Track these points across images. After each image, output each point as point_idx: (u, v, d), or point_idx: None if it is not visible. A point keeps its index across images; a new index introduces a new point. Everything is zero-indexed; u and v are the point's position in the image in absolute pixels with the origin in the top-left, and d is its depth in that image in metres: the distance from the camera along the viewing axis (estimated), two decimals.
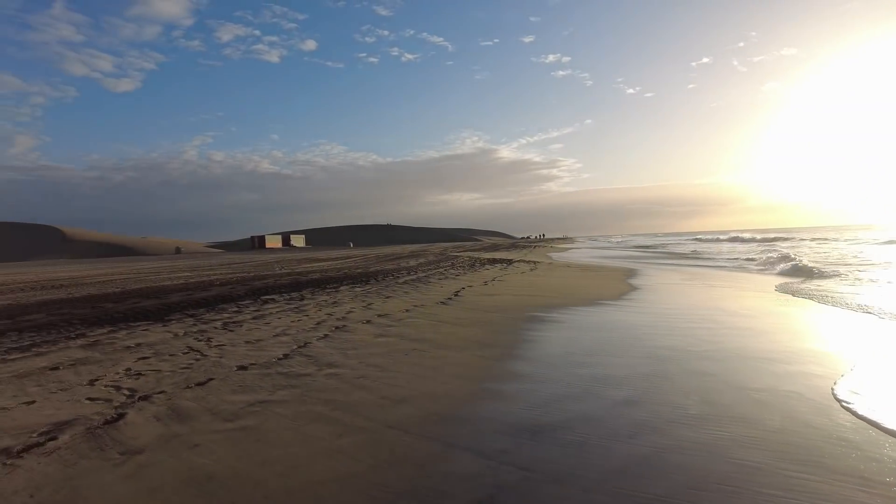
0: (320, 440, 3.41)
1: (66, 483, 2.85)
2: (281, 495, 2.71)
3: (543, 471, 2.96)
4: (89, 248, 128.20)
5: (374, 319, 7.79)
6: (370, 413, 3.88)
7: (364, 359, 5.46)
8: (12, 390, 4.50)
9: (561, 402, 4.14)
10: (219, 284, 14.66)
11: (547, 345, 6.16)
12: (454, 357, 5.55)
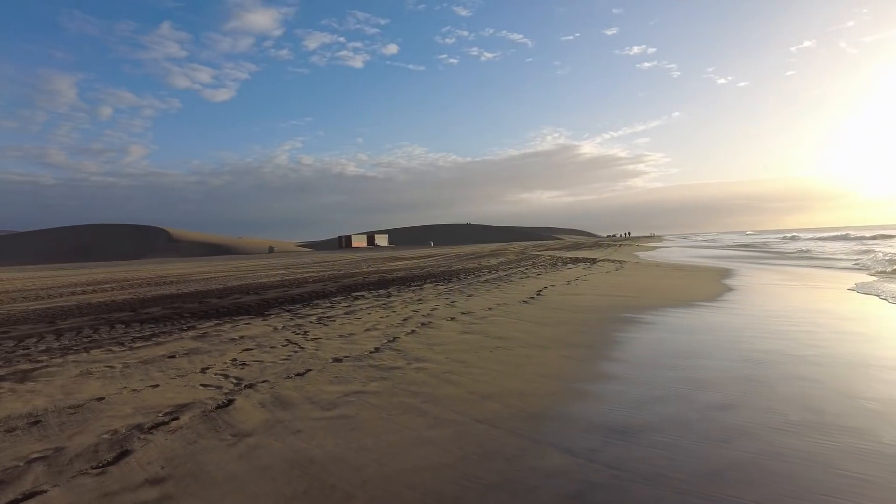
0: (412, 430, 3.56)
1: (190, 458, 3.17)
2: (378, 480, 2.88)
3: (633, 470, 2.95)
4: (192, 247, 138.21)
5: (457, 317, 7.94)
6: (458, 407, 4.00)
7: (450, 354, 5.60)
8: (140, 375, 5.03)
9: (651, 403, 4.07)
10: (311, 282, 15.44)
11: (635, 346, 6.03)
12: (538, 356, 5.57)
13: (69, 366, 5.42)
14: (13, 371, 5.25)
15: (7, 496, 2.76)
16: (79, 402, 4.22)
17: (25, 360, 5.71)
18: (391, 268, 21.92)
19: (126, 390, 4.54)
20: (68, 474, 2.99)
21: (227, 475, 2.96)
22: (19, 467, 3.08)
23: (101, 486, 2.84)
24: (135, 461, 3.14)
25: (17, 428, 3.71)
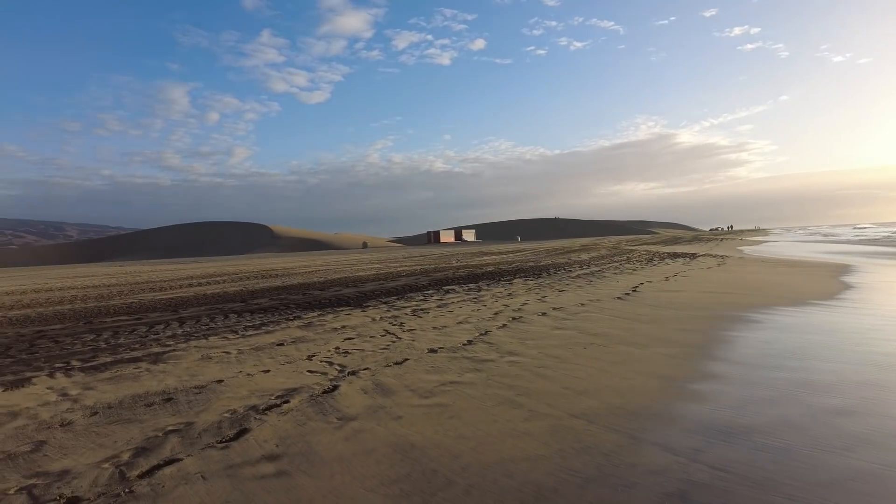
0: (508, 422, 3.62)
1: (300, 438, 3.42)
2: (476, 468, 2.97)
3: (739, 473, 2.84)
4: (292, 242, 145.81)
5: (549, 312, 7.89)
6: (553, 401, 4.01)
7: (543, 349, 5.60)
8: (252, 360, 5.46)
9: (758, 405, 3.87)
10: (404, 275, 15.90)
11: (740, 345, 5.73)
12: (635, 353, 5.44)
13: (192, 350, 5.98)
14: (147, 353, 5.87)
15: (151, 461, 3.12)
16: (202, 384, 4.65)
17: (156, 344, 6.36)
18: (480, 263, 22.05)
19: (241, 374, 4.94)
20: (198, 446, 3.32)
21: (335, 456, 3.17)
22: (159, 437, 3.47)
23: (225, 459, 3.14)
24: (253, 439, 3.43)
25: (155, 403, 4.16)
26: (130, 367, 5.26)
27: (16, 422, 3.87)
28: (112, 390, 4.53)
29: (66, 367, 5.36)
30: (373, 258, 34.55)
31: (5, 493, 2.82)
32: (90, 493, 2.78)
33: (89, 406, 4.13)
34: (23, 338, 7.19)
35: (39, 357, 5.89)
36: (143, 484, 2.85)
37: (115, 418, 3.86)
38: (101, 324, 8.18)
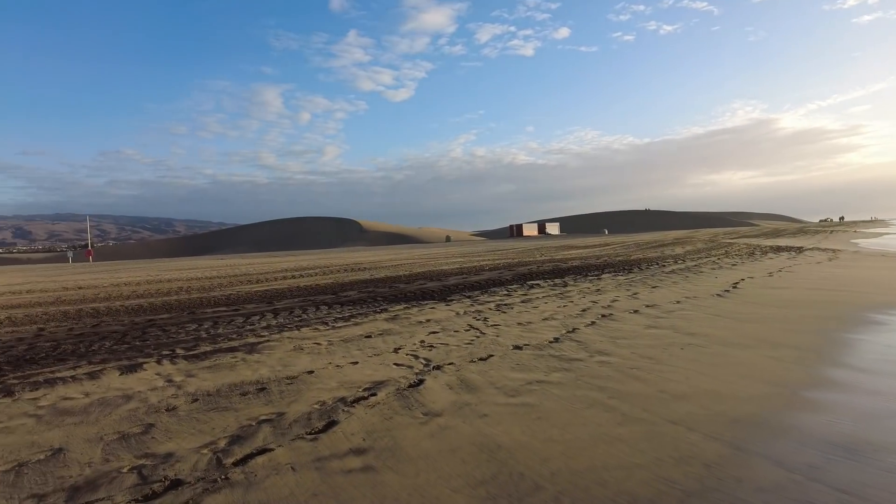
0: (599, 426, 3.44)
1: (387, 433, 3.42)
2: (566, 473, 2.82)
3: (869, 498, 2.51)
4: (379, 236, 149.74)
5: (641, 309, 7.51)
6: (648, 405, 3.77)
7: (635, 349, 5.31)
8: (342, 352, 5.58)
9: (888, 419, 3.44)
10: (487, 269, 15.82)
11: (863, 349, 5.16)
12: (738, 355, 5.03)
13: (285, 341, 6.20)
14: (244, 343, 6.16)
15: (245, 449, 3.22)
16: (294, 374, 4.80)
17: (252, 335, 6.66)
18: (565, 257, 21.54)
19: (331, 366, 5.05)
20: (289, 437, 3.40)
21: (421, 452, 3.13)
22: (252, 426, 3.59)
23: (314, 451, 3.19)
24: (341, 431, 3.47)
25: (249, 393, 4.33)
26: (228, 357, 5.53)
27: (129, 404, 4.15)
28: (211, 378, 4.77)
29: (172, 354, 5.72)
30: (456, 252, 34.75)
31: (119, 470, 3.02)
32: (191, 476, 2.91)
33: (191, 393, 4.37)
34: (136, 326, 7.79)
35: (149, 344, 6.34)
36: (237, 471, 2.94)
37: (213, 406, 4.04)
38: (203, 314, 8.72)
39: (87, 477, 2.97)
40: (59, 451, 3.34)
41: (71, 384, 4.75)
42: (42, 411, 4.08)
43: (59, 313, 9.73)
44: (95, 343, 6.54)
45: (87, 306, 10.71)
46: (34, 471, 3.08)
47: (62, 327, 7.97)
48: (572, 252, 25.65)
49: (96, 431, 3.63)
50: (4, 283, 22.09)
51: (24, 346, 6.52)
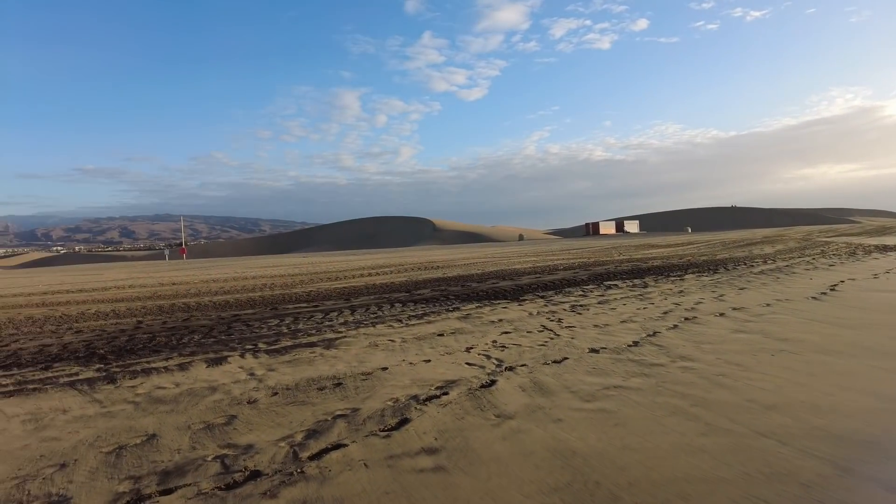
0: (681, 435, 3.26)
1: (458, 433, 3.40)
2: (645, 485, 2.68)
3: None
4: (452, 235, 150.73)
5: (728, 312, 7.08)
6: (735, 415, 3.53)
7: (721, 355, 5.01)
8: (415, 350, 5.62)
9: None
10: (562, 269, 15.51)
11: None
12: (838, 364, 4.63)
13: (361, 338, 6.34)
14: (322, 339, 6.35)
15: (320, 444, 3.30)
16: (369, 370, 4.88)
17: (330, 331, 6.86)
18: (645, 256, 20.76)
19: (404, 363, 5.10)
20: (362, 433, 3.46)
21: (492, 455, 3.09)
22: (328, 421, 3.68)
23: (387, 448, 3.22)
24: (413, 430, 3.48)
25: (326, 388, 4.44)
26: (307, 352, 5.72)
27: (214, 395, 4.37)
28: (290, 372, 4.94)
29: (255, 348, 5.98)
30: (529, 251, 34.33)
31: (204, 458, 3.17)
32: (269, 468, 3.01)
33: (271, 386, 4.54)
34: (223, 321, 8.23)
35: (234, 338, 6.67)
36: (312, 466, 3.02)
37: (291, 399, 4.18)
38: (284, 310, 9.08)
39: (176, 463, 3.14)
40: (153, 436, 3.56)
41: (164, 374, 5.07)
42: (139, 399, 4.37)
43: (155, 307, 10.45)
44: (186, 336, 6.96)
45: (179, 301, 11.44)
46: (131, 454, 3.30)
47: (157, 321, 8.55)
48: (652, 251, 24.68)
49: (185, 420, 3.84)
50: (111, 278, 24.02)
51: (125, 338, 7.04)
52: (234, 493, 2.76)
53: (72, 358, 5.92)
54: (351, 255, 45.46)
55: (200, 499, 2.72)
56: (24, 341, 7.15)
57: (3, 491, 2.90)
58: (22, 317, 9.87)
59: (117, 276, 25.46)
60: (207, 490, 2.80)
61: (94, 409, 4.16)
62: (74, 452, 3.37)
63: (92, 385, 4.80)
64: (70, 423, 3.91)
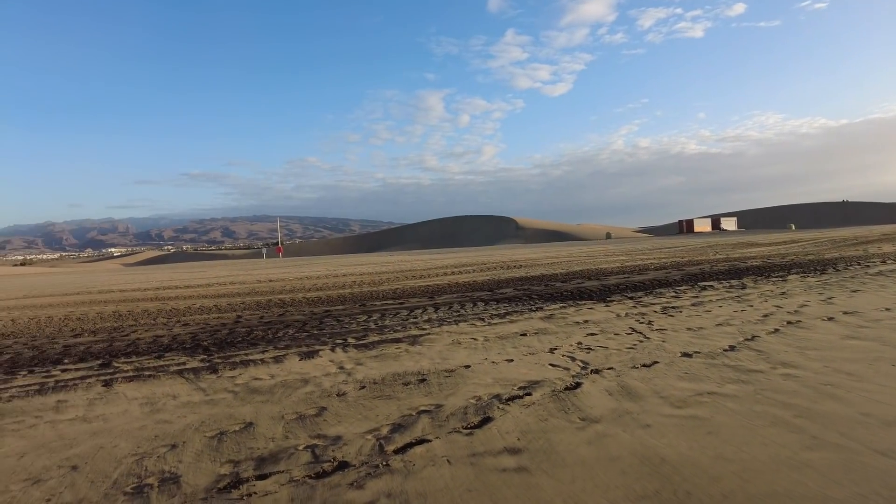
0: (781, 447, 3.04)
1: (542, 435, 3.36)
2: (740, 498, 2.53)
3: None
4: (535, 234, 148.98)
5: (837, 317, 6.51)
6: (847, 429, 3.25)
7: (829, 362, 4.62)
8: (497, 349, 5.62)
9: None
10: (652, 269, 14.91)
11: None
12: None
13: (444, 335, 6.42)
14: (407, 335, 6.50)
15: (405, 438, 3.38)
16: (452, 368, 4.94)
17: (415, 328, 7.00)
18: (743, 255, 19.51)
19: (486, 362, 5.11)
20: (446, 429, 3.50)
21: (577, 459, 3.03)
22: (412, 416, 3.76)
23: (469, 446, 3.24)
24: (496, 428, 3.48)
25: (411, 383, 4.54)
26: (392, 347, 5.87)
27: (306, 388, 4.59)
28: (377, 367, 5.10)
29: (344, 343, 6.23)
30: (617, 249, 33.25)
31: (296, 447, 3.34)
32: (356, 460, 3.12)
33: (359, 380, 4.71)
34: (315, 316, 8.63)
35: (325, 333, 6.97)
36: (397, 459, 3.09)
37: (378, 394, 4.31)
38: (372, 306, 9.38)
39: (270, 450, 3.33)
40: (250, 424, 3.79)
41: (260, 366, 5.39)
42: (238, 388, 4.68)
43: (253, 303, 11.14)
44: (280, 330, 7.36)
45: (275, 297, 12.11)
46: (231, 440, 3.53)
47: (255, 315, 9.11)
48: (752, 250, 23.14)
49: (279, 410, 4.06)
50: (214, 275, 25.83)
51: (226, 331, 7.56)
52: (323, 483, 2.88)
53: (180, 348, 6.44)
54: (435, 254, 46.11)
55: (292, 486, 2.86)
56: (141, 332, 7.86)
57: (126, 465, 3.20)
58: (139, 310, 10.85)
59: (219, 274, 27.32)
60: (298, 478, 2.94)
61: (199, 397, 4.50)
62: (183, 435, 3.65)
63: (197, 374, 5.19)
64: (179, 408, 4.24)
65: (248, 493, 2.81)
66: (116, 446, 3.51)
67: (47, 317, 10.38)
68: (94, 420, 4.05)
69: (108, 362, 5.83)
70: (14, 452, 3.49)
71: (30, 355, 6.48)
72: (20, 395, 4.73)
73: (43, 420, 4.08)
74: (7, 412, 4.30)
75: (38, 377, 5.34)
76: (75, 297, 15.37)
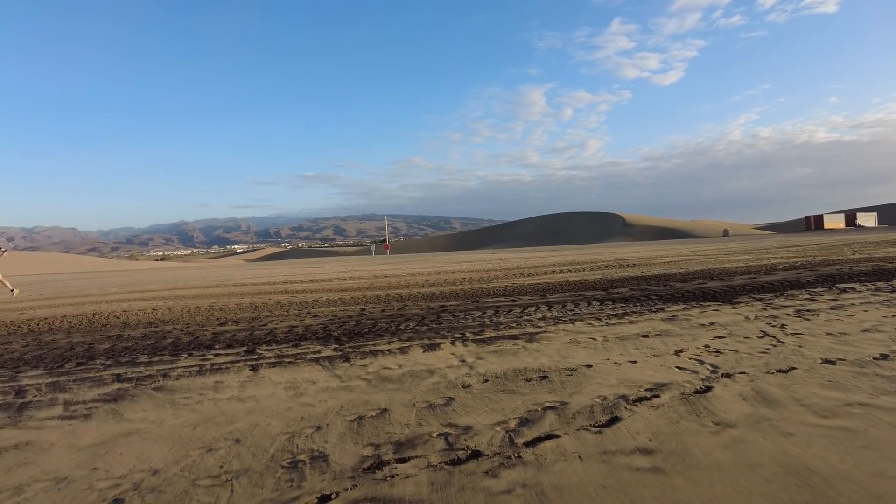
0: None
1: (674, 437, 3.31)
2: None
3: None
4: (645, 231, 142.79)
5: None
6: None
7: None
8: (618, 349, 5.55)
9: None
10: (781, 269, 13.84)
11: None
12: None
13: (560, 333, 6.43)
14: (523, 332, 6.58)
15: (534, 432, 3.48)
16: (572, 366, 4.96)
17: (530, 325, 7.07)
18: (889, 254, 17.53)
19: (608, 362, 5.07)
20: (573, 426, 3.55)
21: (713, 463, 2.96)
22: (538, 411, 3.84)
23: (599, 444, 3.27)
24: (624, 428, 3.47)
25: (532, 379, 4.63)
26: (510, 344, 5.98)
27: (432, 378, 4.83)
28: (497, 362, 5.23)
29: (462, 337, 6.43)
30: (737, 248, 31.06)
31: (430, 434, 3.55)
32: (488, 450, 3.26)
33: (481, 373, 4.86)
34: (431, 310, 8.95)
35: (444, 327, 7.23)
36: (528, 452, 3.19)
37: (501, 388, 4.44)
38: (485, 303, 9.55)
39: (406, 436, 3.56)
40: (385, 410, 4.06)
41: (388, 356, 5.72)
42: (370, 376, 5.01)
43: (374, 297, 11.73)
44: (402, 323, 7.72)
45: (392, 292, 12.66)
46: (369, 424, 3.81)
47: (377, 309, 9.61)
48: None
49: (410, 398, 4.31)
50: (331, 271, 27.38)
51: (352, 323, 8.06)
52: (459, 469, 3.04)
53: (313, 338, 6.97)
54: (538, 252, 45.69)
55: (430, 470, 3.05)
56: (277, 322, 8.58)
57: (280, 442, 3.57)
58: (272, 302, 11.81)
59: (335, 269, 28.89)
60: (436, 463, 3.13)
61: (335, 383, 4.87)
62: (325, 418, 3.99)
63: (332, 362, 5.61)
64: (319, 392, 4.63)
65: (390, 474, 3.03)
66: (269, 425, 3.91)
67: (195, 307, 11.59)
68: (247, 400, 4.52)
69: (251, 349, 6.45)
70: (188, 423, 4.00)
71: (187, 340, 7.31)
72: (185, 375, 5.37)
73: (206, 398, 4.62)
74: (178, 389, 4.92)
75: (196, 360, 6.02)
76: (214, 289, 16.97)
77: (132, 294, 16.30)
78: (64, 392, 4.94)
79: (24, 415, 4.37)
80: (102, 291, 18.40)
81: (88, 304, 13.24)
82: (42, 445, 3.70)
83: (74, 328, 9.06)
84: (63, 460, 3.43)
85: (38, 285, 26.25)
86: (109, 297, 15.65)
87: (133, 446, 3.61)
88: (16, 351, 7.07)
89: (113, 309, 11.77)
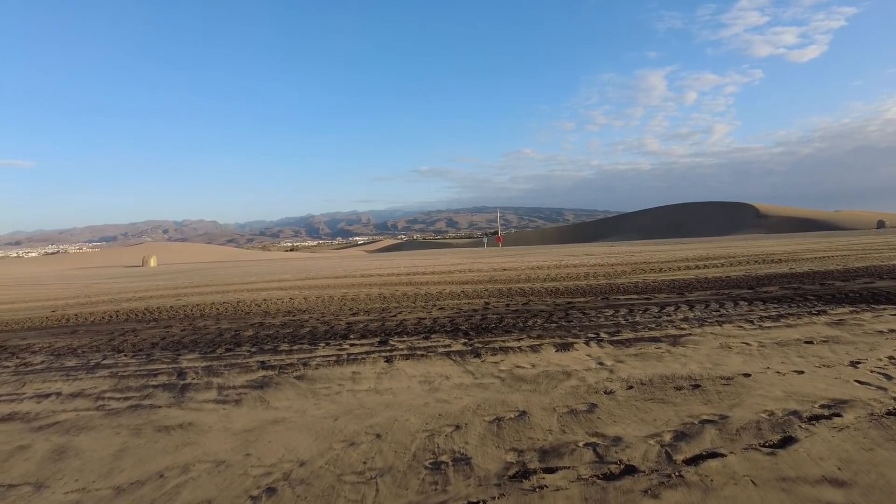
0: None
1: (871, 468, 2.84)
2: None
3: None
4: (781, 223, 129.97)
5: None
6: None
7: None
8: (778, 356, 4.97)
9: None
10: None
11: None
12: None
13: (708, 336, 5.90)
14: (665, 334, 6.12)
15: (693, 449, 3.15)
16: (728, 375, 4.50)
17: (671, 326, 6.57)
18: None
19: (769, 371, 4.55)
20: (739, 444, 3.18)
21: None
22: (695, 425, 3.50)
23: (774, 468, 2.88)
24: (804, 451, 3.05)
25: (683, 388, 4.25)
26: (651, 346, 5.58)
27: (570, 381, 4.60)
28: (640, 367, 4.88)
29: (597, 337, 6.11)
30: None
31: (576, 444, 3.34)
32: (643, 465, 3.00)
33: (624, 379, 4.55)
34: (558, 307, 8.66)
35: (574, 325, 6.94)
36: (689, 471, 2.89)
37: (649, 396, 4.11)
38: (616, 300, 9.08)
39: (550, 443, 3.38)
40: (524, 413, 3.91)
41: (519, 354, 5.57)
42: (503, 374, 4.88)
43: (496, 290, 11.63)
44: (529, 319, 7.53)
45: (514, 286, 12.48)
46: (509, 427, 3.68)
47: (501, 303, 9.49)
48: None
49: (548, 402, 4.12)
50: (448, 262, 27.75)
51: (478, 317, 8.01)
52: (613, 486, 2.81)
53: (441, 331, 6.99)
54: (663, 245, 43.14)
55: (581, 483, 2.85)
56: (406, 313, 8.75)
57: (420, 440, 3.54)
58: (399, 293, 12.11)
59: (452, 261, 29.24)
60: (587, 477, 2.92)
61: (468, 380, 4.80)
62: (463, 417, 3.92)
63: (462, 357, 5.56)
64: (453, 389, 4.58)
65: (538, 485, 2.87)
66: (408, 420, 3.91)
67: (328, 296, 12.20)
68: (384, 393, 4.58)
69: (385, 340, 6.59)
70: (330, 415, 4.11)
71: (323, 329, 7.66)
72: (324, 364, 5.59)
73: (345, 388, 4.75)
74: (317, 378, 5.11)
75: (333, 349, 6.26)
76: (344, 279, 17.80)
77: (269, 283, 17.54)
78: (217, 376, 5.33)
79: (186, 396, 4.76)
80: (243, 280, 20.02)
81: (232, 293, 14.43)
82: (202, 427, 3.98)
83: (222, 315, 9.87)
84: (220, 443, 3.66)
85: (190, 273, 29.25)
86: (249, 285, 16.96)
87: (280, 435, 3.77)
88: (176, 335, 7.81)
89: (254, 297, 12.71)
